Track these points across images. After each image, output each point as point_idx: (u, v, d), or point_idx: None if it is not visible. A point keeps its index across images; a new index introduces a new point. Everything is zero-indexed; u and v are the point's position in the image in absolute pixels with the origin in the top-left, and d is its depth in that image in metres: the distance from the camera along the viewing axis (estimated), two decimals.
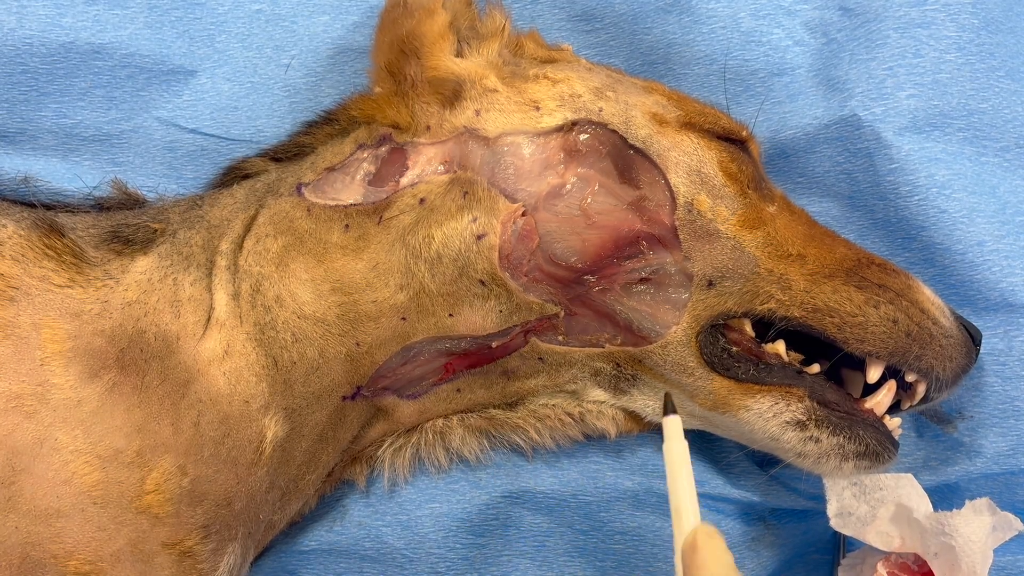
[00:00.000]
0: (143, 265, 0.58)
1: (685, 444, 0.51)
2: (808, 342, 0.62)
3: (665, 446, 0.52)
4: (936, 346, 0.60)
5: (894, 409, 0.63)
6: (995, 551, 0.58)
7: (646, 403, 0.65)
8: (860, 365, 0.61)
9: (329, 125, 0.66)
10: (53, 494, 0.50)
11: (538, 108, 0.59)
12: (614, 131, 0.59)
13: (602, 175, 0.58)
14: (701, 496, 0.69)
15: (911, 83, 0.69)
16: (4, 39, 0.68)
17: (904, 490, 0.61)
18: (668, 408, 0.53)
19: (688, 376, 0.61)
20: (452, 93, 0.61)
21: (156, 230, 0.60)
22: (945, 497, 0.68)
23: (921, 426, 0.71)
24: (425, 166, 0.59)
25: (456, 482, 0.69)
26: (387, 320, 0.59)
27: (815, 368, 0.62)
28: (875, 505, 0.61)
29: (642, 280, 0.58)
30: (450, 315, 0.59)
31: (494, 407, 0.66)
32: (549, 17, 0.75)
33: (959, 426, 0.69)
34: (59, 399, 0.52)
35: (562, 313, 0.59)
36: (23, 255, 0.55)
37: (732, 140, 0.62)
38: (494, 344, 0.60)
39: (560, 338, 0.60)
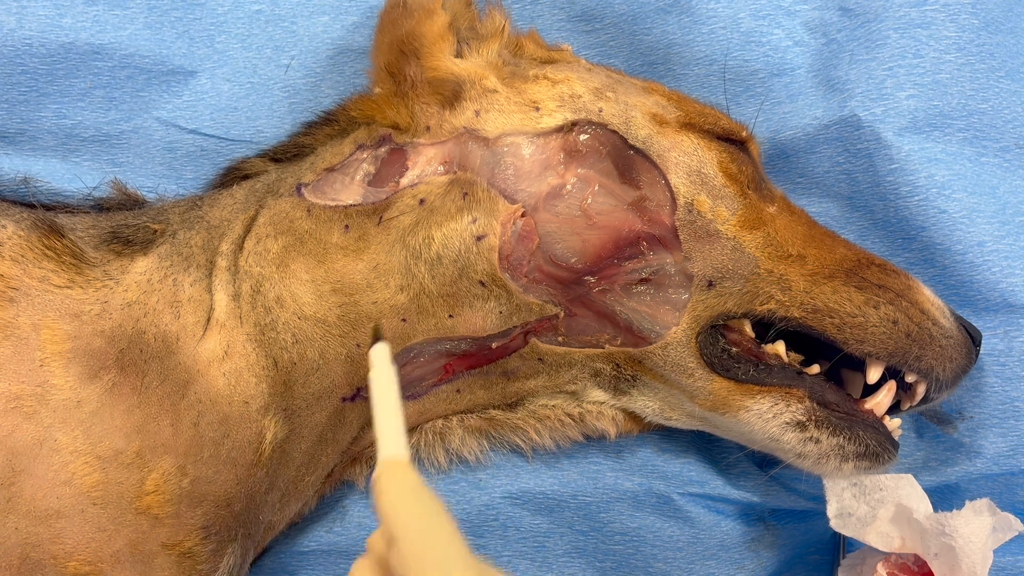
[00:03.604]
0: (143, 266, 0.58)
1: (392, 371, 0.48)
2: (808, 343, 0.62)
3: (372, 373, 0.48)
4: (936, 347, 0.60)
5: (894, 410, 0.63)
6: (995, 552, 0.58)
7: (646, 404, 0.65)
8: (860, 366, 0.61)
9: (329, 126, 0.66)
10: (53, 495, 0.50)
11: (538, 109, 0.59)
12: (614, 131, 0.59)
13: (602, 175, 0.58)
14: (701, 496, 0.69)
15: (911, 83, 0.69)
16: (4, 39, 0.68)
17: (904, 491, 0.61)
18: (376, 337, 0.49)
19: (688, 377, 0.60)
20: (452, 94, 0.61)
21: (156, 231, 0.60)
22: (945, 497, 0.68)
23: (921, 427, 0.71)
24: (425, 167, 0.59)
25: (456, 483, 0.69)
26: (387, 321, 0.59)
27: (815, 369, 0.62)
28: (875, 506, 0.61)
29: (642, 281, 0.58)
30: (450, 316, 0.59)
31: (494, 408, 0.66)
32: (549, 17, 0.75)
33: (959, 426, 0.68)
34: (59, 400, 0.52)
35: (562, 314, 0.59)
36: (23, 256, 0.55)
37: (732, 140, 0.62)
38: (494, 345, 0.60)
39: (560, 339, 0.60)
